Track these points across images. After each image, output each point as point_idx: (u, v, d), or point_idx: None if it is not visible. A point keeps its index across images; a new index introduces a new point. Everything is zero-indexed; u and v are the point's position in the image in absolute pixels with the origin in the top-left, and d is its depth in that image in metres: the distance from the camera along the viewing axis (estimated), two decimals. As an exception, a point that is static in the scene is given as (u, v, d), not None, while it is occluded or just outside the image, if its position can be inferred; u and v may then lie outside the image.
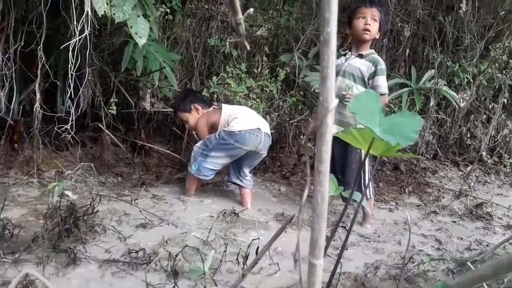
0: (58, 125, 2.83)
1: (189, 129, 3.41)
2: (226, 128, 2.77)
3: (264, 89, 3.72)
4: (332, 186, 1.40)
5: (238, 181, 2.92)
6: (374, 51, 2.77)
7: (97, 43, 3.32)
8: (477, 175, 4.17)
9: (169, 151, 3.59)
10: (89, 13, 2.45)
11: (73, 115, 2.73)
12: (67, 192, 2.14)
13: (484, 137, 4.38)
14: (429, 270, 2.18)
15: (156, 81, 3.42)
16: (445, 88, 3.97)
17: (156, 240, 2.18)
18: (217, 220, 2.58)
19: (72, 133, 2.72)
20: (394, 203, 3.27)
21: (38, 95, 2.80)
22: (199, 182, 2.96)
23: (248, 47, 0.72)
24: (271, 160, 3.80)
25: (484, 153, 4.33)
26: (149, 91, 3.82)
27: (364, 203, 1.50)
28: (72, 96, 2.68)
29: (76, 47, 2.49)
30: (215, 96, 3.56)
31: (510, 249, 2.60)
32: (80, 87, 2.90)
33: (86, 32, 2.44)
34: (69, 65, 2.52)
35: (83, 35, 2.45)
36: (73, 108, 2.74)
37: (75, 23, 2.49)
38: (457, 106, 4.16)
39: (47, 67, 2.83)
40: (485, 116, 4.51)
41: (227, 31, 4.42)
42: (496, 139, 4.44)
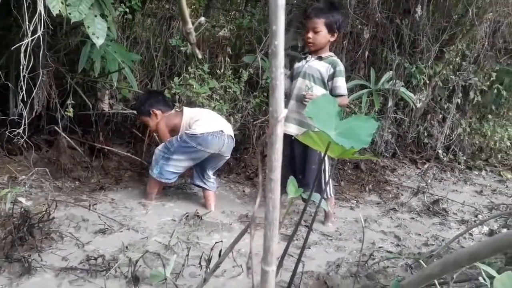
0: (11, 128, 2.70)
1: (150, 131, 3.35)
2: (188, 131, 2.74)
3: (227, 90, 3.71)
4: (292, 188, 1.42)
5: (201, 183, 2.89)
6: (333, 54, 2.80)
7: (52, 43, 3.19)
8: (434, 172, 4.35)
9: (129, 154, 3.50)
10: (42, 12, 2.35)
11: (26, 118, 2.61)
12: (20, 199, 2.07)
13: (440, 136, 4.58)
14: (388, 267, 2.24)
15: (115, 82, 3.33)
16: (402, 89, 4.11)
17: (116, 246, 2.12)
18: (179, 223, 2.54)
19: (25, 137, 2.60)
20: (355, 201, 3.35)
21: (-13, 97, 2.67)
22: (161, 186, 2.91)
23: (200, 56, 0.73)
24: (235, 162, 3.79)
25: (440, 151, 4.52)
26: (107, 92, 3.71)
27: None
28: (25, 98, 2.56)
29: (29, 47, 2.38)
30: (177, 97, 3.51)
31: (464, 243, 2.72)
32: (34, 89, 2.79)
33: (39, 33, 2.34)
34: (21, 67, 2.41)
35: (36, 35, 2.34)
36: (26, 111, 2.62)
37: (27, 22, 2.38)
38: (414, 107, 4.31)
39: (-3, 68, 2.70)
40: (441, 116, 4.71)
41: (189, 31, 4.37)
42: (451, 138, 4.65)
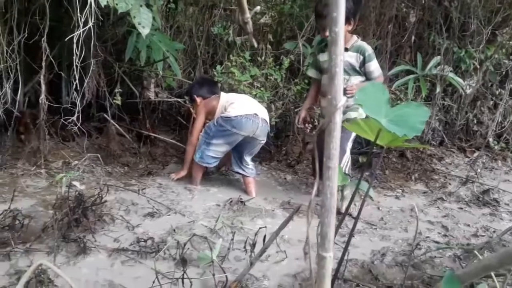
0: (64, 116, 2.85)
1: (193, 119, 3.42)
2: (223, 114, 2.80)
3: (269, 77, 3.71)
4: (339, 176, 1.41)
5: (240, 170, 2.93)
6: (356, 38, 2.78)
7: (100, 34, 3.30)
8: (484, 161, 4.15)
9: (174, 141, 3.60)
10: (93, 4, 2.44)
11: (79, 106, 2.74)
12: (74, 183, 2.17)
13: (491, 123, 4.35)
14: (436, 257, 2.19)
15: (160, 71, 3.42)
16: (451, 74, 3.93)
17: (164, 229, 2.20)
18: (223, 208, 2.59)
19: (78, 124, 2.73)
20: (400, 191, 3.27)
21: (43, 86, 2.80)
22: (204, 170, 2.97)
23: (256, 45, 0.74)
24: (276, 149, 3.80)
25: (491, 139, 4.31)
26: (153, 81, 3.82)
27: (371, 193, 1.51)
28: (77, 87, 2.68)
29: (81, 38, 2.48)
30: (219, 86, 3.56)
31: (516, 235, 2.60)
32: (85, 78, 2.90)
33: (90, 24, 2.43)
34: (73, 56, 2.52)
35: (87, 26, 2.43)
36: (78, 99, 2.74)
37: (78, 14, 2.48)
38: (463, 93, 4.12)
39: (51, 58, 2.82)
40: (492, 102, 4.47)
41: (230, 19, 4.38)
42: (503, 125, 4.40)
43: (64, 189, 2.10)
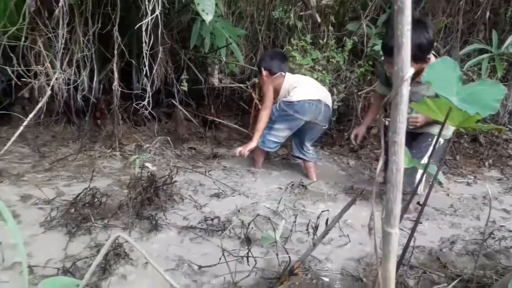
0: (135, 101, 3.02)
1: (255, 104, 3.47)
2: (285, 98, 2.78)
3: (330, 60, 3.64)
4: (406, 159, 1.36)
5: (301, 155, 2.94)
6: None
7: (166, 22, 3.44)
8: None
9: (237, 126, 3.68)
10: (160, -7, 2.54)
11: (149, 92, 2.88)
12: (147, 164, 2.30)
13: None
14: (511, 247, 2.06)
15: (223, 57, 3.49)
16: (531, 52, 3.60)
17: (229, 209, 2.28)
18: (285, 191, 2.63)
19: (149, 109, 2.88)
20: (472, 177, 3.10)
21: (116, 74, 2.98)
22: (266, 154, 3.01)
23: (319, 19, 0.74)
24: (338, 133, 3.75)
25: None
26: (216, 67, 3.91)
27: (441, 177, 1.44)
28: (147, 73, 2.82)
29: (149, 26, 2.60)
30: (288, 64, 3.54)
31: None
32: (154, 65, 3.05)
33: (158, 12, 2.53)
34: (142, 44, 2.65)
35: (155, 14, 2.54)
36: (148, 86, 2.89)
37: (146, 3, 2.59)
38: (546, 72, 3.77)
39: (122, 47, 2.99)
40: None
41: (291, 2, 4.34)
42: None
43: (137, 170, 2.24)
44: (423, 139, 2.43)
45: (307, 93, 2.76)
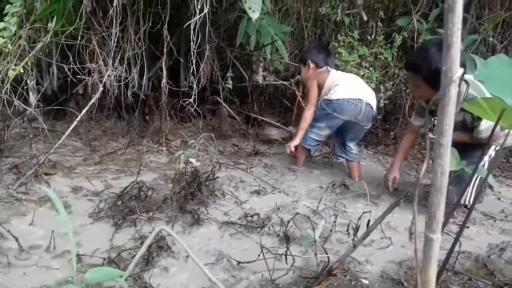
0: (182, 98, 3.10)
1: (298, 102, 3.46)
2: (326, 97, 2.76)
3: (378, 56, 3.55)
4: (453, 161, 1.31)
5: (343, 154, 2.89)
6: (460, 96, 2.11)
7: (213, 20, 3.50)
8: None
9: (279, 124, 3.69)
10: (208, -8, 2.59)
11: (195, 89, 2.96)
12: (191, 160, 2.36)
13: None
14: None
15: (268, 55, 3.50)
16: None
17: (269, 206, 2.30)
18: (326, 191, 2.60)
19: (195, 106, 2.95)
20: (528, 181, 2.92)
21: (164, 72, 3.09)
22: (307, 152, 3.00)
23: (366, 18, 0.73)
24: (384, 133, 3.65)
25: None
26: (261, 64, 3.93)
27: (491, 179, 1.37)
28: (194, 71, 2.89)
29: (197, 25, 2.66)
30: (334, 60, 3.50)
31: None
32: (200, 63, 3.12)
33: (206, 10, 2.58)
34: (190, 43, 2.71)
35: (203, 13, 2.59)
36: (195, 83, 2.96)
37: (195, 2, 2.65)
38: None
39: (171, 45, 3.08)
40: None
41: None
42: None
43: (182, 165, 2.31)
44: (473, 149, 2.22)
45: (348, 91, 2.71)
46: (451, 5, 0.64)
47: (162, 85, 3.08)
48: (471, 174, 1.37)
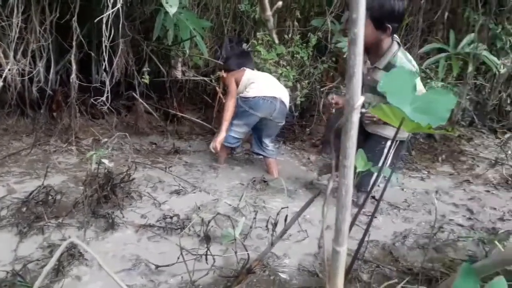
0: (94, 94, 2.93)
1: (219, 97, 3.45)
2: (242, 95, 2.82)
3: (295, 55, 3.67)
4: (361, 162, 1.41)
5: (260, 151, 2.96)
6: (391, 51, 2.28)
7: (128, 12, 3.34)
8: (516, 143, 4.02)
9: (199, 120, 3.65)
10: (121, -17, 2.46)
11: (108, 85, 2.81)
12: (104, 160, 2.23)
13: (525, 104, 4.19)
14: (459, 240, 2.17)
15: (187, 50, 3.43)
16: (485, 52, 3.77)
17: (189, 206, 2.27)
18: (247, 187, 2.64)
19: (108, 103, 2.80)
20: (426, 172, 3.23)
21: (74, 65, 2.88)
22: (228, 150, 3.02)
23: (277, 41, 0.75)
24: (301, 129, 3.80)
25: (524, 120, 4.15)
26: (180, 59, 3.84)
27: (394, 178, 1.49)
28: (107, 66, 2.74)
29: (110, 19, 2.52)
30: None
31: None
32: (114, 57, 2.96)
33: (119, 5, 2.46)
34: (102, 37, 2.56)
35: (116, 7, 2.46)
36: (108, 78, 2.81)
37: (107, -6, 2.51)
38: (497, 72, 3.96)
39: (81, 37, 2.88)
40: (528, 82, 4.28)
41: (257, -5, 4.32)
42: (539, 106, 4.23)
43: (94, 166, 2.18)
44: (375, 142, 2.43)
45: (263, 89, 2.79)
46: (354, 39, 0.68)
47: (71, 79, 2.87)
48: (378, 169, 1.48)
